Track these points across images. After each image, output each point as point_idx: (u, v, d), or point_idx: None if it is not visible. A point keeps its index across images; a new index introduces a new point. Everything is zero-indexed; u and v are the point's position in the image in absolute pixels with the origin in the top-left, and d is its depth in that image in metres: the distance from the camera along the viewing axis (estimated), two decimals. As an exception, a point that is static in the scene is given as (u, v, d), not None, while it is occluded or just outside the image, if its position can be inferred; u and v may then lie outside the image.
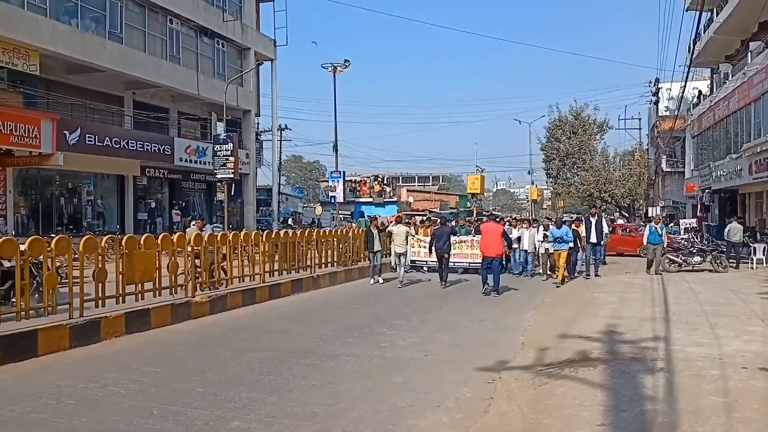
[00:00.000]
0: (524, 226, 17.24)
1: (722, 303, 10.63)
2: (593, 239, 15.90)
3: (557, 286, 13.84)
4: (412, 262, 17.32)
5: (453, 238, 16.28)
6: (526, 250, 16.57)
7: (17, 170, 19.57)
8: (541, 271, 16.29)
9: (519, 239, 16.50)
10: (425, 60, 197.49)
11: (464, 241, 17.18)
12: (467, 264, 16.95)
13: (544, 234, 15.45)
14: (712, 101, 27.64)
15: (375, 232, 14.75)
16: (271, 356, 7.12)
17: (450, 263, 15.72)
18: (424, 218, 25.36)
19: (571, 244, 15.21)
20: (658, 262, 16.24)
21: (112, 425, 4.82)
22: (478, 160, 68.51)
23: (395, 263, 14.63)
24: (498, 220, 17.41)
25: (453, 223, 20.31)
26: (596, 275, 15.53)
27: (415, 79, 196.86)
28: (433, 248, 14.11)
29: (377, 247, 14.68)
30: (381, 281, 14.70)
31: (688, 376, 5.89)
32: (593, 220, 16.14)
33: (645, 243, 16.78)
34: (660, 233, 16.26)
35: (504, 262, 14.84)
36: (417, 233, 17.58)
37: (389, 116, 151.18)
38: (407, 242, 14.76)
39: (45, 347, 7.24)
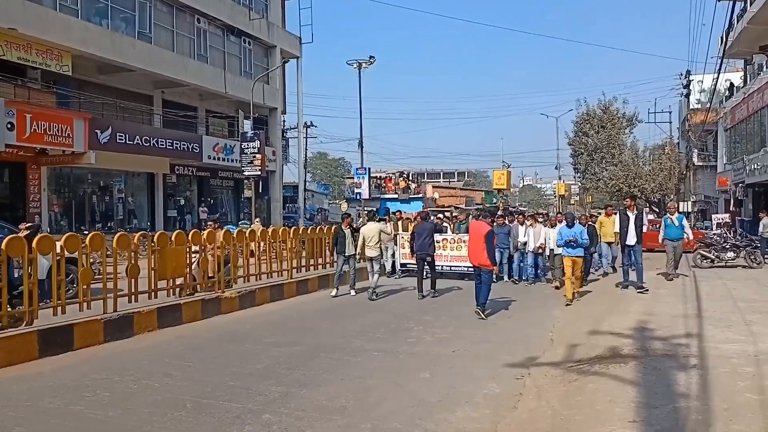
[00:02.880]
0: (528, 222, 14.32)
1: (758, 299, 10.40)
2: (631, 240, 12.06)
3: (567, 304, 10.62)
4: (402, 265, 15.01)
5: (451, 235, 14.76)
6: (531, 252, 13.90)
7: (50, 169, 20.07)
8: (551, 277, 13.52)
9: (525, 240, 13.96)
10: (451, 55, 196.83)
11: (463, 241, 13.57)
12: (465, 269, 13.54)
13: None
14: (746, 93, 26.97)
15: (347, 232, 12.15)
16: (300, 351, 7.19)
17: (447, 268, 13.91)
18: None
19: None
20: (678, 261, 13.71)
21: (146, 417, 4.92)
22: (504, 155, 67.63)
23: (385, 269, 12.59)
24: (494, 217, 13.84)
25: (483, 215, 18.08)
26: (641, 288, 11.58)
27: (440, 75, 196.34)
28: (414, 249, 12.08)
29: (350, 250, 12.03)
30: (353, 293, 12.05)
31: (723, 373, 5.78)
32: (631, 216, 12.14)
33: (661, 240, 13.89)
34: (678, 224, 13.48)
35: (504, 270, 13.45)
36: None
37: (414, 112, 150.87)
38: (394, 243, 13.35)
39: (81, 341, 7.45)
